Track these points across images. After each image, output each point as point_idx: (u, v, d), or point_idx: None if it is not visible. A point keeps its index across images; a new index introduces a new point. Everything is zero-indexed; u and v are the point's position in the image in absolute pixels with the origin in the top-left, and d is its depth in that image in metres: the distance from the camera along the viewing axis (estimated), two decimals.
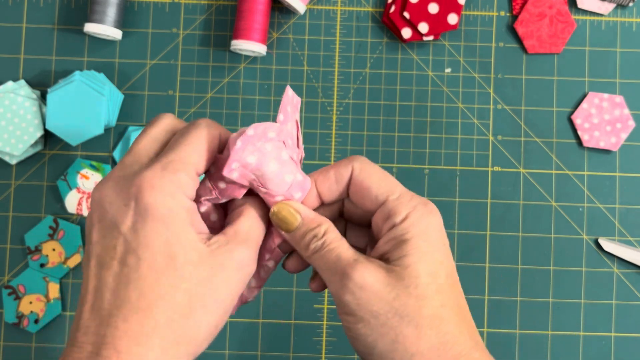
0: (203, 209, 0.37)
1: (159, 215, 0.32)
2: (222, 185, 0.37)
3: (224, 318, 0.34)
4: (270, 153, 0.35)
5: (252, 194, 0.38)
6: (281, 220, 0.37)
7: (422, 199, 0.37)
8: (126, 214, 0.33)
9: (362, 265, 0.35)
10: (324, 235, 0.37)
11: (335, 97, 0.68)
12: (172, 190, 0.33)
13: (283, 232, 0.37)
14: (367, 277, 0.35)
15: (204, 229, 0.35)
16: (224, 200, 0.37)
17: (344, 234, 0.41)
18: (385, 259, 0.36)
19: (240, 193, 0.37)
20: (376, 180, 0.37)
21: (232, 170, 0.35)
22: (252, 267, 0.36)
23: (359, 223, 0.40)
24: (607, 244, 0.67)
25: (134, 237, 0.32)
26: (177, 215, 0.33)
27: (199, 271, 0.33)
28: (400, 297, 0.34)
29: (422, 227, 0.36)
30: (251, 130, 0.35)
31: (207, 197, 0.37)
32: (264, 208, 0.38)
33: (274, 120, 0.37)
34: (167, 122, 0.37)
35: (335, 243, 0.37)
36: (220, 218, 0.39)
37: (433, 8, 0.67)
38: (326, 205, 0.40)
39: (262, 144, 0.35)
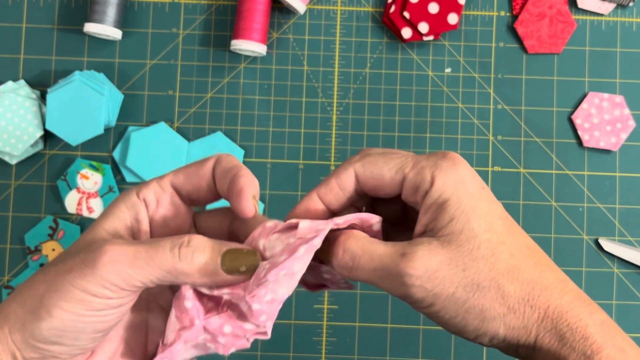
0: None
1: (105, 210, 0.36)
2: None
3: (76, 332, 0.32)
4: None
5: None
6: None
7: (438, 154, 0.34)
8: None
9: (414, 256, 0.32)
10: (347, 249, 0.34)
11: (335, 97, 0.68)
12: (131, 189, 0.36)
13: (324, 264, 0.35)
14: (428, 264, 0.32)
15: (138, 229, 0.35)
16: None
17: (373, 210, 0.39)
18: (431, 229, 0.33)
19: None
20: (383, 166, 0.35)
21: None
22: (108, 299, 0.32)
23: (384, 197, 0.37)
24: (607, 244, 0.67)
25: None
26: (114, 203, 0.35)
27: (74, 250, 0.33)
28: (468, 266, 0.32)
29: (454, 181, 0.33)
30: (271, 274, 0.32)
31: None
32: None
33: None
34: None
35: (367, 247, 0.34)
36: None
37: (433, 8, 0.67)
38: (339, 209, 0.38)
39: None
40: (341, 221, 0.34)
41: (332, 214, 0.37)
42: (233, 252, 0.32)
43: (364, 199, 0.39)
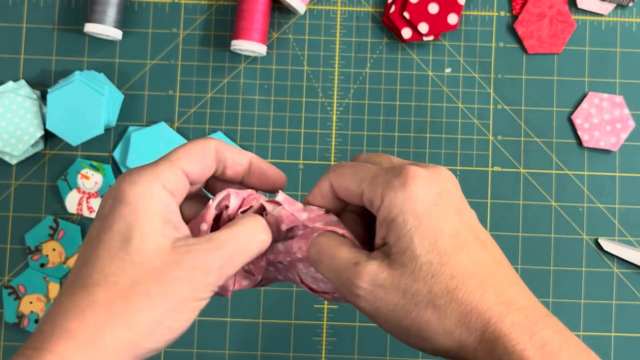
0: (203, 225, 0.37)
1: (127, 200, 0.33)
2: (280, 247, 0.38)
3: (174, 317, 0.33)
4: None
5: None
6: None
7: (395, 170, 0.35)
8: (106, 201, 0.34)
9: (364, 269, 0.34)
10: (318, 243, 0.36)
11: (335, 97, 0.68)
12: (147, 179, 0.34)
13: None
14: (374, 279, 0.34)
15: (181, 227, 0.35)
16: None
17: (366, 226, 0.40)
18: (385, 244, 0.35)
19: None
20: (350, 179, 0.36)
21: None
22: (213, 276, 0.34)
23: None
24: (607, 244, 0.67)
25: (103, 221, 0.34)
26: (145, 202, 0.33)
27: (150, 260, 0.33)
28: (408, 287, 0.33)
29: (400, 200, 0.33)
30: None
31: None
32: (263, 233, 0.37)
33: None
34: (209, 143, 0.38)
35: (332, 247, 0.36)
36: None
37: (433, 8, 0.67)
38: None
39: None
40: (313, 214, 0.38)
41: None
42: None
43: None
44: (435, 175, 0.34)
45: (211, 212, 0.37)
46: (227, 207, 0.37)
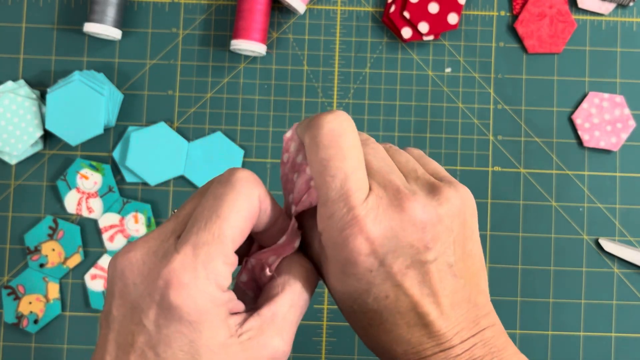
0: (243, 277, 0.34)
1: (185, 318, 0.29)
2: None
3: None
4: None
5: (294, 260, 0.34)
6: None
7: (347, 215, 0.31)
8: (150, 306, 0.29)
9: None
10: None
11: (335, 97, 0.68)
12: (204, 287, 0.29)
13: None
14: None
15: (239, 307, 0.31)
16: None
17: None
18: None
19: (292, 248, 0.34)
20: (314, 169, 0.33)
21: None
22: (285, 355, 0.31)
23: None
24: (607, 244, 0.67)
25: (156, 332, 0.29)
26: (207, 315, 0.29)
27: None
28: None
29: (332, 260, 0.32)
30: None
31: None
32: (308, 280, 0.33)
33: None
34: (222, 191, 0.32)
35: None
36: (249, 279, 0.35)
37: (433, 8, 0.67)
38: None
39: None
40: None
41: None
42: None
43: None
44: (452, 214, 0.32)
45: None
46: None
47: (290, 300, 0.31)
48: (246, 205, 0.30)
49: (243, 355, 0.30)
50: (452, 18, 0.67)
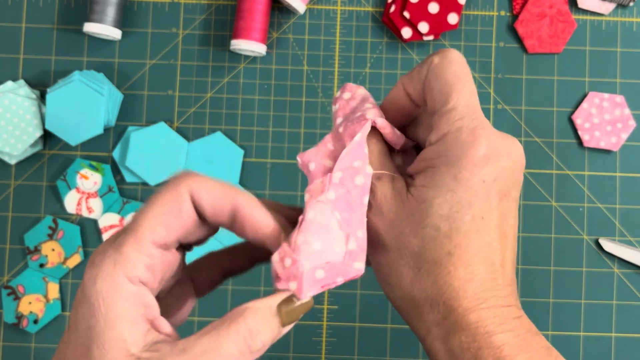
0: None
1: (87, 299, 0.28)
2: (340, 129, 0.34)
3: None
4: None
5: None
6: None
7: (474, 122, 0.31)
8: (79, 288, 0.30)
9: (380, 183, 0.32)
10: None
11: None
12: (108, 271, 0.28)
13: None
14: (382, 198, 0.32)
15: (159, 322, 0.30)
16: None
17: None
18: (413, 179, 0.32)
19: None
20: (442, 82, 0.32)
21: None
22: None
23: None
24: (607, 244, 0.67)
25: (72, 315, 0.29)
26: (107, 302, 0.28)
27: None
28: (404, 234, 0.31)
29: (455, 157, 0.30)
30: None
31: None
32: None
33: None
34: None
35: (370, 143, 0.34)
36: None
37: (433, 8, 0.67)
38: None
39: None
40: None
41: (415, 105, 0.36)
42: (285, 308, 0.30)
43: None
44: (505, 150, 0.31)
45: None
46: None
47: (206, 346, 0.28)
48: (168, 202, 0.30)
49: None
50: (452, 18, 0.67)
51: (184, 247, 0.33)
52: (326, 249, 0.31)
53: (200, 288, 0.36)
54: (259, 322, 0.29)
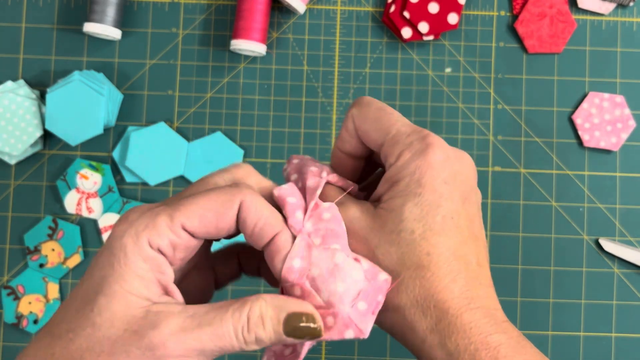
0: None
1: (110, 249, 0.30)
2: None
3: None
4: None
5: None
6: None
7: (422, 133, 0.33)
8: (107, 240, 0.32)
9: (346, 208, 0.33)
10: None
11: (335, 97, 0.68)
12: (137, 230, 0.30)
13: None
14: (352, 220, 0.32)
15: (173, 291, 0.31)
16: None
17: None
18: (379, 200, 0.33)
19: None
20: (373, 125, 0.34)
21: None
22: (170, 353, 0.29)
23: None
24: (607, 244, 0.67)
25: (91, 264, 0.31)
26: (127, 257, 0.29)
27: (111, 325, 0.29)
28: (382, 245, 0.32)
29: (414, 166, 0.32)
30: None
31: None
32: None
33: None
34: (230, 175, 0.33)
35: (329, 191, 0.35)
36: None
37: (433, 8, 0.67)
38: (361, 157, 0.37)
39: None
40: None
41: (359, 160, 0.37)
42: (294, 321, 0.30)
43: None
44: (457, 156, 0.33)
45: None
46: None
47: (212, 319, 0.29)
48: (219, 200, 0.31)
49: (136, 325, 0.29)
50: (452, 18, 0.67)
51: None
52: (349, 283, 0.31)
53: (220, 279, 0.37)
54: (263, 315, 0.30)
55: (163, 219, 0.30)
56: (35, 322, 0.65)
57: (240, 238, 0.34)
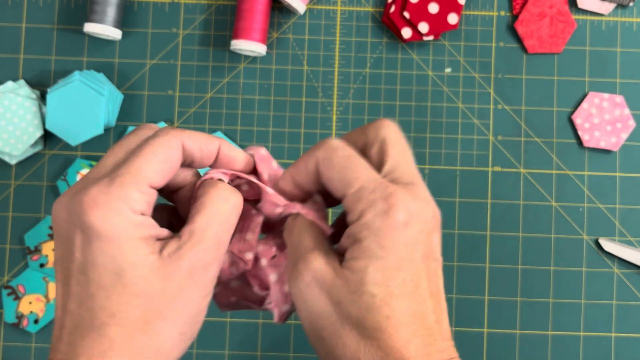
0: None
1: (103, 234, 0.32)
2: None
3: (191, 326, 0.33)
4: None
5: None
6: None
7: (386, 191, 0.33)
8: (75, 233, 0.32)
9: (313, 259, 0.34)
10: (295, 218, 0.36)
11: (335, 97, 0.68)
12: (116, 207, 0.32)
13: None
14: (316, 274, 0.33)
15: (161, 232, 0.34)
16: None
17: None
18: (344, 255, 0.34)
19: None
20: (338, 174, 0.34)
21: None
22: (210, 269, 0.34)
23: None
24: (607, 244, 0.67)
25: (83, 257, 0.32)
26: (123, 232, 0.32)
27: (150, 284, 0.32)
28: (344, 304, 0.33)
29: (376, 228, 0.32)
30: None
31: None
32: (223, 197, 0.35)
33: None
34: (144, 134, 0.36)
35: (302, 228, 0.36)
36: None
37: (433, 8, 0.67)
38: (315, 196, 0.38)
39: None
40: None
41: (307, 194, 0.38)
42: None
43: None
44: (421, 212, 0.33)
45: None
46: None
47: (206, 218, 0.34)
48: (164, 146, 0.34)
49: (164, 271, 0.32)
50: (452, 18, 0.67)
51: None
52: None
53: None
54: (224, 186, 0.36)
55: (132, 187, 0.32)
56: (36, 321, 0.65)
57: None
